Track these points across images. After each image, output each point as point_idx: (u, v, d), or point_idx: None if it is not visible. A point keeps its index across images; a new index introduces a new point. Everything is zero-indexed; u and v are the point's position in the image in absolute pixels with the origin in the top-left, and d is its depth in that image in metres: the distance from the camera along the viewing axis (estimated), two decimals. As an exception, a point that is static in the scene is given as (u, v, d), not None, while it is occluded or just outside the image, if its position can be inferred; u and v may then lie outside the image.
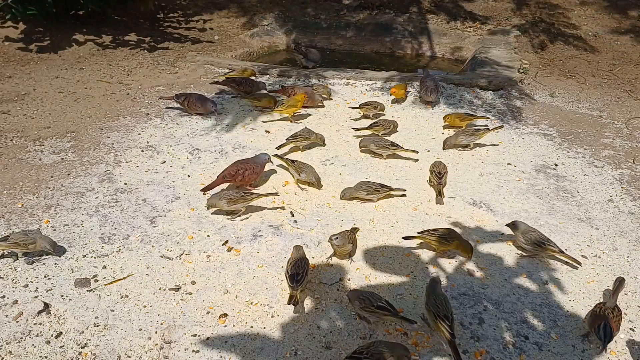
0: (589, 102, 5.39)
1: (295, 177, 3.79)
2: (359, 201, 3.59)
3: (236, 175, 3.59)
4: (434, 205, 3.55)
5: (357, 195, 3.56)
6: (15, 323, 2.58)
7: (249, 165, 3.66)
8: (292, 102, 4.67)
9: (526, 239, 3.06)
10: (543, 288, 2.90)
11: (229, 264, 3.02)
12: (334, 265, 3.03)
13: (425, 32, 7.57)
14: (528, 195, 3.74)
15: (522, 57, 6.47)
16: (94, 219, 3.37)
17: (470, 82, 5.58)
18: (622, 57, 6.66)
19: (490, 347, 2.51)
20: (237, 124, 4.71)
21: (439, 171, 3.73)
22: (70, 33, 6.69)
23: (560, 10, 8.05)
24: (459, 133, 4.30)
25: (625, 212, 3.60)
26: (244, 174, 3.60)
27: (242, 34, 7.41)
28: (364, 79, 5.68)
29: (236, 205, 3.36)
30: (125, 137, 4.42)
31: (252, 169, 3.65)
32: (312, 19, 7.93)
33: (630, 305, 2.79)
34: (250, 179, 3.65)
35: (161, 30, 7.25)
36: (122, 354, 2.45)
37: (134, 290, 2.82)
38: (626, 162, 4.24)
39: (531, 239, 3.05)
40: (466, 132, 4.30)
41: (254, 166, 3.68)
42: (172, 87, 5.45)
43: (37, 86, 5.36)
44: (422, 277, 2.95)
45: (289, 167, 3.82)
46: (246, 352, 2.46)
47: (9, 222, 3.30)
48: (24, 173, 3.85)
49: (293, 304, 2.65)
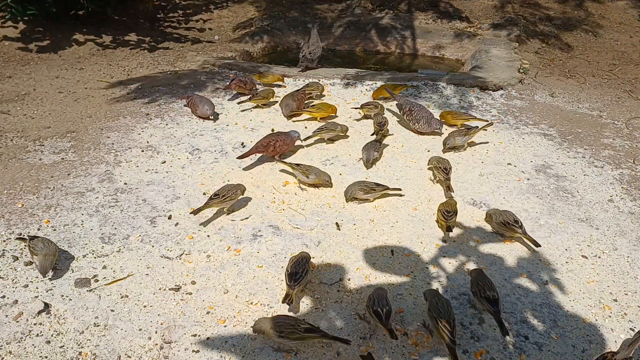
0: (589, 102, 5.39)
1: (302, 180, 3.74)
2: (356, 202, 3.59)
3: (268, 146, 3.95)
4: (434, 205, 3.55)
5: (355, 196, 3.56)
6: (15, 323, 2.58)
7: (280, 138, 4.02)
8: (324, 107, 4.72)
9: (496, 217, 3.28)
10: (543, 288, 2.90)
11: (229, 264, 3.02)
12: (334, 265, 3.03)
13: (424, 32, 7.57)
14: (528, 195, 3.74)
15: (522, 57, 6.47)
16: (94, 219, 3.37)
17: (470, 82, 5.58)
18: (622, 57, 6.66)
19: (490, 347, 2.51)
20: (237, 124, 4.71)
21: (444, 167, 3.79)
22: (70, 33, 6.70)
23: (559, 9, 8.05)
24: (454, 134, 4.28)
25: (626, 212, 3.60)
26: (275, 145, 3.96)
27: (242, 34, 7.41)
28: (364, 79, 5.68)
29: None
30: (125, 137, 4.42)
31: (282, 141, 4.01)
32: (312, 19, 7.93)
33: (630, 305, 2.79)
34: (281, 150, 4.02)
35: (161, 30, 7.25)
36: (122, 354, 2.45)
37: (134, 290, 2.82)
38: (626, 162, 4.24)
39: (499, 218, 3.25)
40: (460, 132, 4.29)
41: (284, 138, 4.04)
42: (172, 87, 5.45)
43: (37, 86, 5.37)
44: (422, 277, 2.95)
45: (294, 171, 3.74)
46: (246, 352, 2.46)
47: (9, 222, 3.30)
48: (24, 173, 3.85)
49: (287, 302, 2.65)
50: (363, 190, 3.53)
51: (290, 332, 2.38)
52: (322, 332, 2.42)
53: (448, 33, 7.50)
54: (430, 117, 4.48)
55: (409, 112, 4.51)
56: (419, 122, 4.46)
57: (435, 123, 4.48)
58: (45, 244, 2.89)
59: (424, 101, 5.22)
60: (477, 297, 2.63)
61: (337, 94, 5.39)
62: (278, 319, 2.46)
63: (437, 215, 3.39)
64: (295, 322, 2.43)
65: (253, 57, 7.06)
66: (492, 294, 2.59)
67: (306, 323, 2.44)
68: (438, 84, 5.59)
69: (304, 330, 2.38)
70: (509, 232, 3.22)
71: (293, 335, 2.38)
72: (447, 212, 3.30)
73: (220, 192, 3.37)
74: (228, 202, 3.35)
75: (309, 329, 2.40)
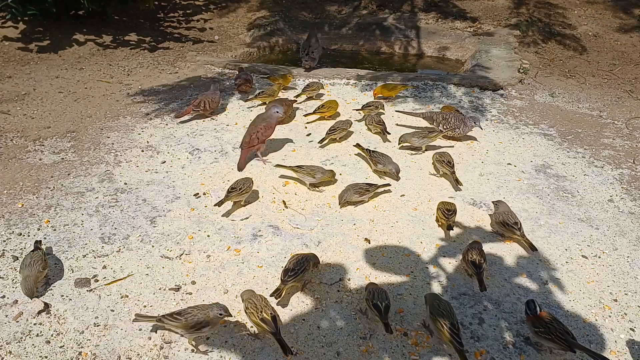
0: (589, 102, 5.39)
1: (307, 182, 3.71)
2: (353, 205, 3.58)
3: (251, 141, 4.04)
4: (433, 205, 3.55)
5: (350, 200, 3.54)
6: (15, 323, 2.58)
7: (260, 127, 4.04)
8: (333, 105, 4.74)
9: (497, 217, 3.28)
10: (543, 288, 2.90)
11: (229, 264, 3.02)
12: (334, 265, 3.03)
13: (425, 32, 7.57)
14: (528, 195, 3.74)
15: (522, 57, 6.47)
16: (94, 219, 3.37)
17: (470, 82, 5.59)
18: (622, 57, 6.66)
19: (490, 347, 2.51)
20: (237, 124, 4.71)
21: (448, 160, 3.85)
22: (70, 33, 6.70)
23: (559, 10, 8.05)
24: (413, 134, 4.24)
25: (625, 212, 3.60)
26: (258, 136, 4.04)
27: (242, 34, 7.41)
28: (364, 78, 5.68)
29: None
30: (125, 137, 4.42)
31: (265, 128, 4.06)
32: (312, 19, 7.93)
33: (630, 305, 2.79)
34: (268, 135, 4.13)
35: (161, 30, 7.25)
36: (122, 354, 2.45)
37: (134, 290, 2.82)
38: (626, 162, 4.24)
39: (499, 218, 3.25)
40: (419, 133, 4.23)
41: (266, 125, 4.06)
42: (172, 88, 5.45)
43: (37, 86, 5.37)
44: (422, 277, 2.95)
45: (298, 174, 3.71)
46: (246, 352, 2.46)
47: (9, 222, 3.30)
48: (24, 173, 3.85)
49: (276, 296, 2.68)
50: (358, 193, 3.53)
51: (251, 312, 2.48)
52: (272, 330, 2.42)
53: (448, 33, 7.50)
54: (463, 119, 4.43)
55: (445, 120, 4.35)
56: (459, 127, 4.37)
57: (469, 121, 4.42)
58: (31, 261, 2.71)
59: (424, 101, 5.22)
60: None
61: (337, 94, 5.38)
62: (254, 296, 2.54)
63: (437, 214, 3.39)
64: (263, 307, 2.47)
65: (253, 57, 7.06)
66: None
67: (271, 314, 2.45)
68: (438, 84, 5.60)
69: (260, 319, 2.44)
70: (508, 233, 3.23)
71: (252, 317, 2.47)
72: (447, 210, 3.32)
73: (236, 185, 3.47)
74: (244, 194, 3.48)
75: (265, 319, 2.43)
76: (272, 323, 2.42)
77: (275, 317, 2.46)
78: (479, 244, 2.99)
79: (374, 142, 4.43)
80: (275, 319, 2.44)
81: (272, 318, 2.44)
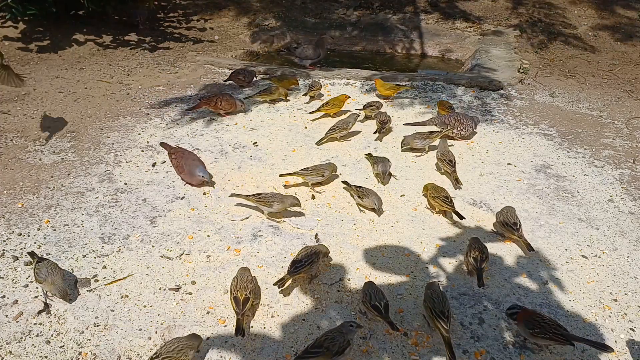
0: (589, 102, 5.39)
1: (310, 182, 3.72)
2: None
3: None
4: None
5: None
6: (15, 323, 2.58)
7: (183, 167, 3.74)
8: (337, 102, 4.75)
9: (499, 216, 3.30)
10: (543, 288, 2.90)
11: (229, 264, 3.02)
12: (334, 265, 3.03)
13: (425, 32, 7.57)
14: (528, 195, 3.74)
15: (522, 57, 6.47)
16: (94, 219, 3.37)
17: (470, 82, 5.58)
18: (622, 57, 6.66)
19: (490, 347, 2.51)
20: (237, 124, 4.71)
21: (449, 159, 3.87)
22: (70, 33, 6.69)
23: (559, 10, 8.05)
24: (414, 136, 4.23)
25: (626, 212, 3.60)
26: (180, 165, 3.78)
27: (242, 34, 7.41)
28: (364, 78, 5.68)
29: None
30: (125, 137, 4.42)
31: (186, 174, 3.73)
32: (312, 19, 7.93)
33: (630, 305, 2.79)
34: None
35: (161, 30, 7.24)
36: (122, 354, 2.45)
37: (134, 290, 2.82)
38: (626, 162, 4.24)
39: (500, 217, 3.28)
40: (421, 135, 4.21)
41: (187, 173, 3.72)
42: (172, 87, 5.45)
43: (37, 86, 5.36)
44: (422, 277, 2.95)
45: (306, 178, 3.68)
46: (246, 352, 2.46)
47: (9, 222, 3.30)
48: (24, 173, 3.85)
49: (279, 285, 2.74)
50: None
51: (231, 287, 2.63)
52: (236, 309, 2.53)
53: (449, 33, 7.50)
54: (471, 118, 4.48)
55: (459, 122, 4.36)
56: (472, 126, 4.45)
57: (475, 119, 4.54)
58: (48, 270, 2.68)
59: (424, 101, 5.22)
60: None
61: (337, 94, 5.37)
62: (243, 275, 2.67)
63: (434, 203, 3.44)
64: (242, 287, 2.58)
65: (253, 57, 7.06)
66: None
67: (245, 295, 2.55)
68: (438, 84, 5.60)
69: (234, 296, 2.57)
70: (507, 232, 3.24)
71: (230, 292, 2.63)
72: (445, 197, 3.39)
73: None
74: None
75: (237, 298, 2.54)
76: (241, 304, 2.53)
77: (247, 299, 2.55)
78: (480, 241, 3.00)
79: (373, 142, 4.43)
80: (246, 301, 2.54)
81: (244, 300, 2.55)
